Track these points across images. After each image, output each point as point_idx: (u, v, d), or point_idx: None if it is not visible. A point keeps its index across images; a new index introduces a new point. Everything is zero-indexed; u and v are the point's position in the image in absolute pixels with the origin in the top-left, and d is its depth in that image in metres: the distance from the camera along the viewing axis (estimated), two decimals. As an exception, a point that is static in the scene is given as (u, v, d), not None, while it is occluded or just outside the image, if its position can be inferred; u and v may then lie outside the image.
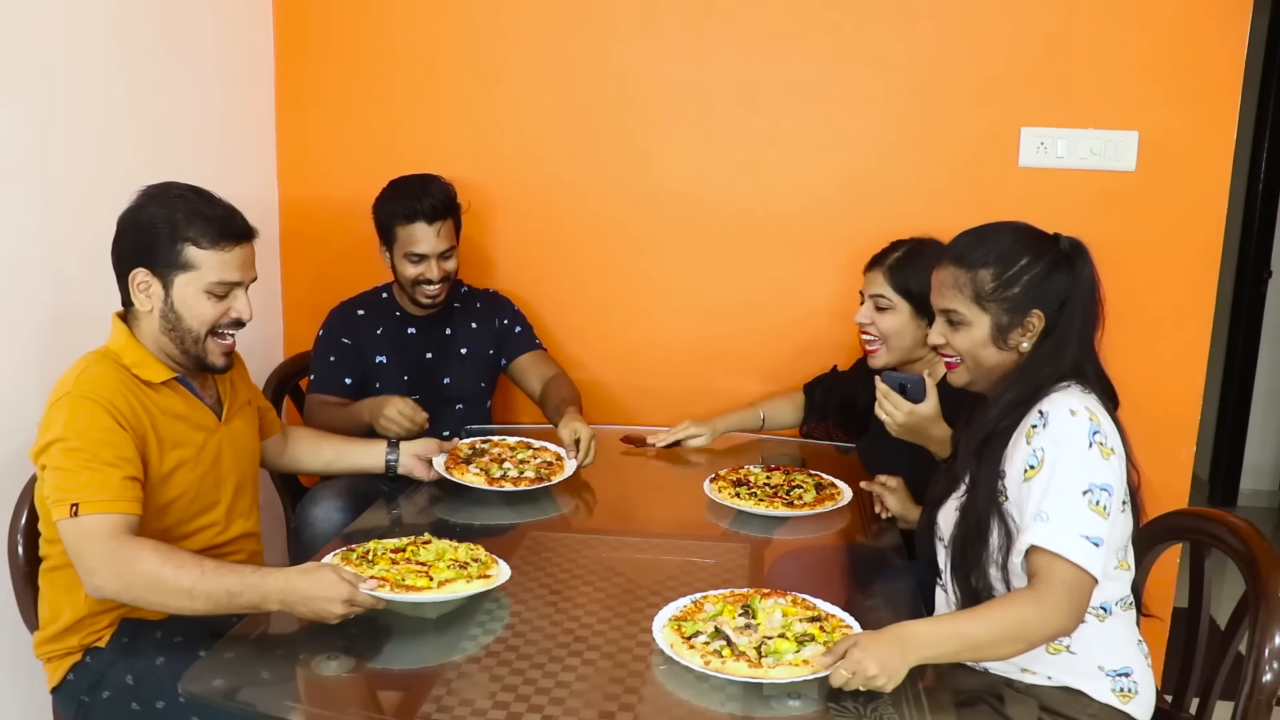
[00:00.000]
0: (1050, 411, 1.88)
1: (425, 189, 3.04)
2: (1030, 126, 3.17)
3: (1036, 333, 1.99)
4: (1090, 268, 2.00)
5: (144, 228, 2.12)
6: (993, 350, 2.02)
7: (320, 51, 3.48)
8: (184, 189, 2.17)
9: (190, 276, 2.12)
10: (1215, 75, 3.06)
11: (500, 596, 2.07)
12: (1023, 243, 2.02)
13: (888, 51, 3.23)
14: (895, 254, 2.70)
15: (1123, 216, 3.16)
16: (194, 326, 2.15)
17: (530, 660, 1.82)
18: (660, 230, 3.41)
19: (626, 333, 3.49)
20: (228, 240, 2.14)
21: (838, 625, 1.87)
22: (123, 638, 2.11)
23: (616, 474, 2.92)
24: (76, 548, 1.93)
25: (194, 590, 1.88)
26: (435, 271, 3.04)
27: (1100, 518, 1.80)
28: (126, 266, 2.14)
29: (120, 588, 1.91)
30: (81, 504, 1.91)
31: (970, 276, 2.02)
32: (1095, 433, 1.85)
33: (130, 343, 2.15)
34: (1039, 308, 1.98)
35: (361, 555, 2.08)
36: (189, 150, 3.08)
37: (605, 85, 3.38)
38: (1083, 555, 1.77)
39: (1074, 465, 1.83)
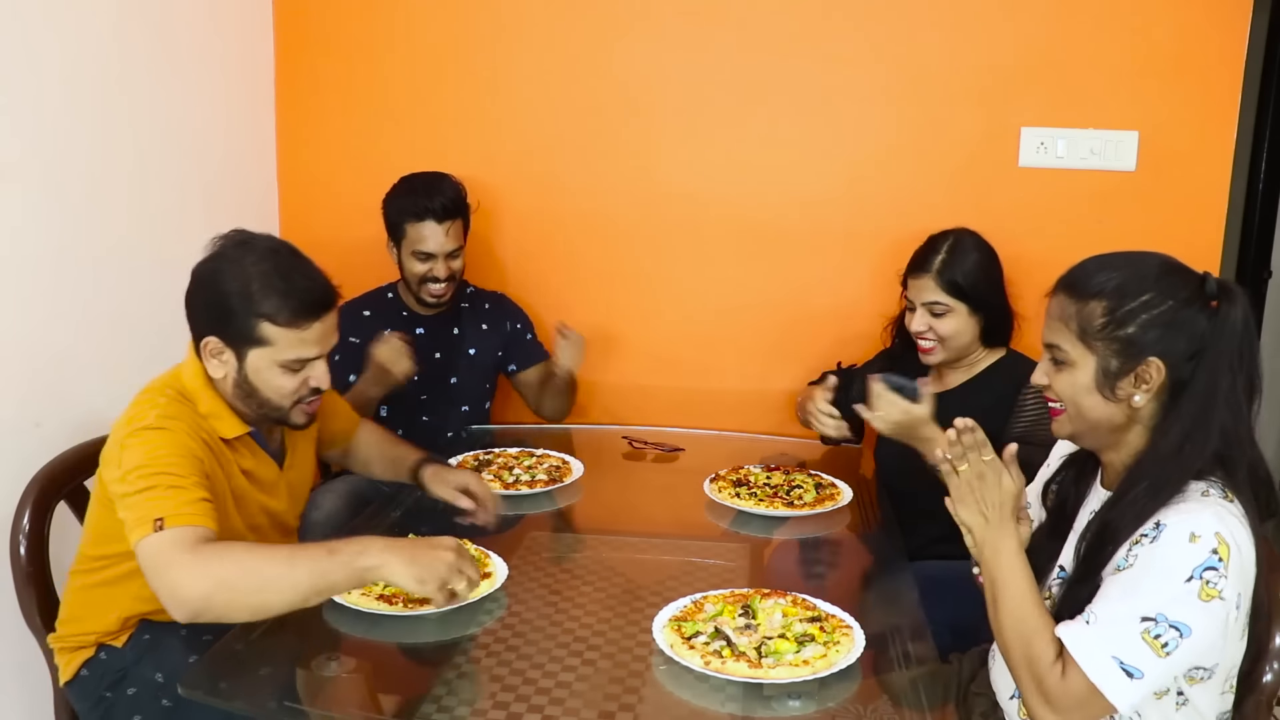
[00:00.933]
0: (1168, 525, 1.57)
1: (437, 187, 3.05)
2: (1030, 126, 3.17)
3: (1155, 387, 1.67)
4: (1243, 318, 1.67)
5: (219, 295, 2.00)
6: (1098, 399, 1.71)
7: (320, 51, 3.48)
8: (265, 251, 2.04)
9: (264, 352, 2.01)
10: (1215, 75, 3.07)
11: (500, 596, 2.07)
12: (1151, 275, 1.71)
13: (888, 52, 3.23)
14: (938, 256, 2.67)
15: (1122, 216, 3.16)
16: (272, 398, 2.05)
17: (530, 660, 1.82)
18: (661, 229, 3.41)
19: (627, 332, 3.48)
20: (305, 318, 2.01)
21: (838, 625, 1.87)
22: (144, 635, 2.10)
23: (617, 474, 2.93)
24: (162, 560, 1.76)
25: (294, 560, 1.76)
26: (442, 270, 3.05)
27: (1152, 652, 1.52)
28: (200, 330, 2.04)
29: (211, 587, 1.73)
30: (166, 518, 1.79)
31: (1079, 308, 1.73)
32: (1209, 569, 1.53)
33: (206, 392, 2.05)
34: (1158, 355, 1.66)
35: None
36: (189, 151, 3.08)
37: (606, 85, 3.38)
38: (1105, 679, 1.54)
39: (1156, 587, 1.55)
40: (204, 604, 1.72)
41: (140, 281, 2.84)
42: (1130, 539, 1.62)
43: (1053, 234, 3.19)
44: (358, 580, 1.78)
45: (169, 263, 2.93)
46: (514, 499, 2.58)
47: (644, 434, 3.13)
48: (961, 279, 2.63)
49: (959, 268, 2.64)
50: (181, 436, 1.93)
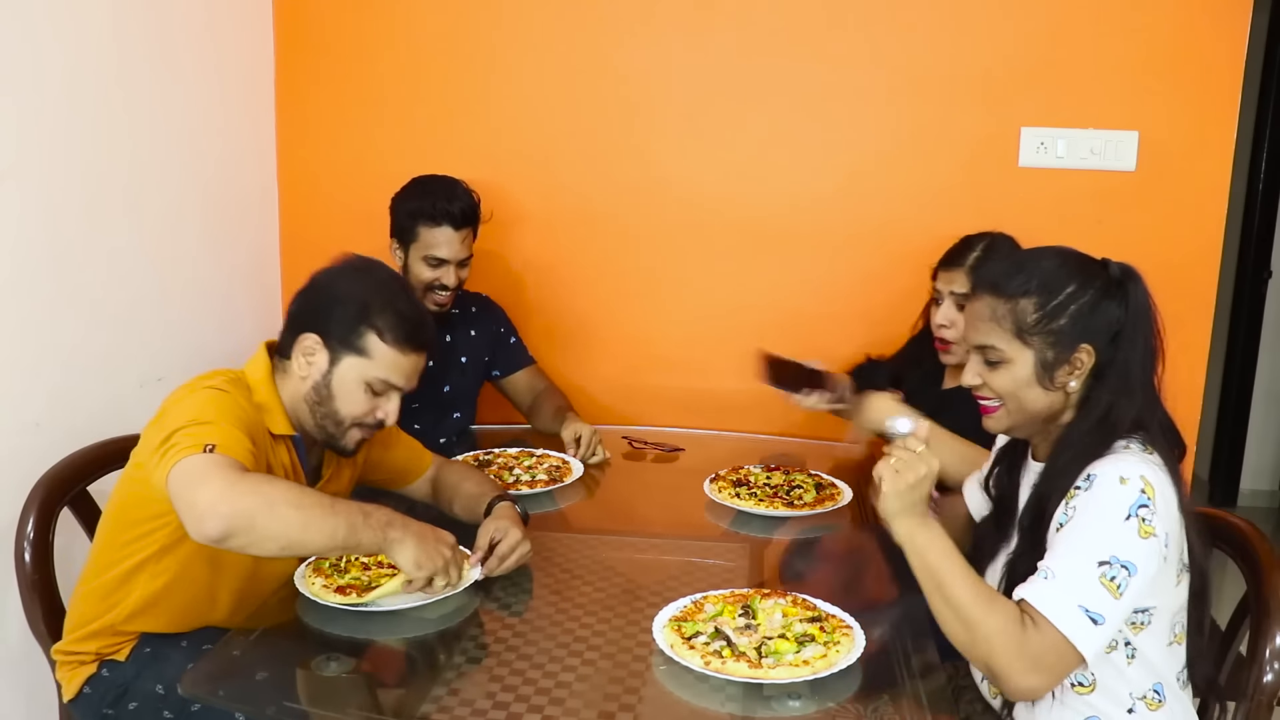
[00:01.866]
0: (1098, 475, 1.69)
1: (454, 192, 3.00)
2: (1030, 126, 3.17)
3: (1086, 370, 1.79)
4: (1145, 295, 1.80)
5: (335, 298, 2.07)
6: (1038, 391, 1.81)
7: (320, 52, 3.47)
8: (391, 274, 2.15)
9: (359, 363, 2.06)
10: (1215, 75, 3.07)
11: (500, 596, 2.07)
12: (1067, 268, 1.82)
13: (888, 51, 3.23)
14: (974, 252, 2.66)
15: (1123, 216, 3.16)
16: (340, 412, 2.08)
17: (530, 660, 1.82)
18: (661, 228, 3.41)
19: (627, 331, 3.48)
20: (411, 345, 2.08)
21: (838, 625, 1.87)
22: (144, 648, 2.10)
23: (617, 474, 2.93)
24: (206, 473, 1.76)
25: (335, 506, 1.84)
26: (452, 279, 2.99)
27: (1109, 594, 1.61)
28: (301, 326, 2.08)
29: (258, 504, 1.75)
30: (219, 446, 1.81)
31: (1010, 307, 1.82)
32: (1141, 506, 1.64)
33: (268, 385, 2.08)
34: (1088, 341, 1.78)
35: (334, 563, 2.10)
36: (189, 152, 3.08)
37: (607, 84, 3.38)
38: (1075, 628, 1.61)
39: (1100, 532, 1.65)
40: (244, 521, 1.74)
41: (141, 282, 2.85)
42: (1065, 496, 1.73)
43: (1053, 234, 3.11)
44: (379, 546, 1.90)
45: (169, 263, 2.97)
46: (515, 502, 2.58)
47: (644, 434, 3.13)
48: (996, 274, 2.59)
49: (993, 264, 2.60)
50: (238, 407, 1.97)
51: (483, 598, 2.06)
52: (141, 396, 2.81)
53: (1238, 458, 5.71)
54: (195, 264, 3.11)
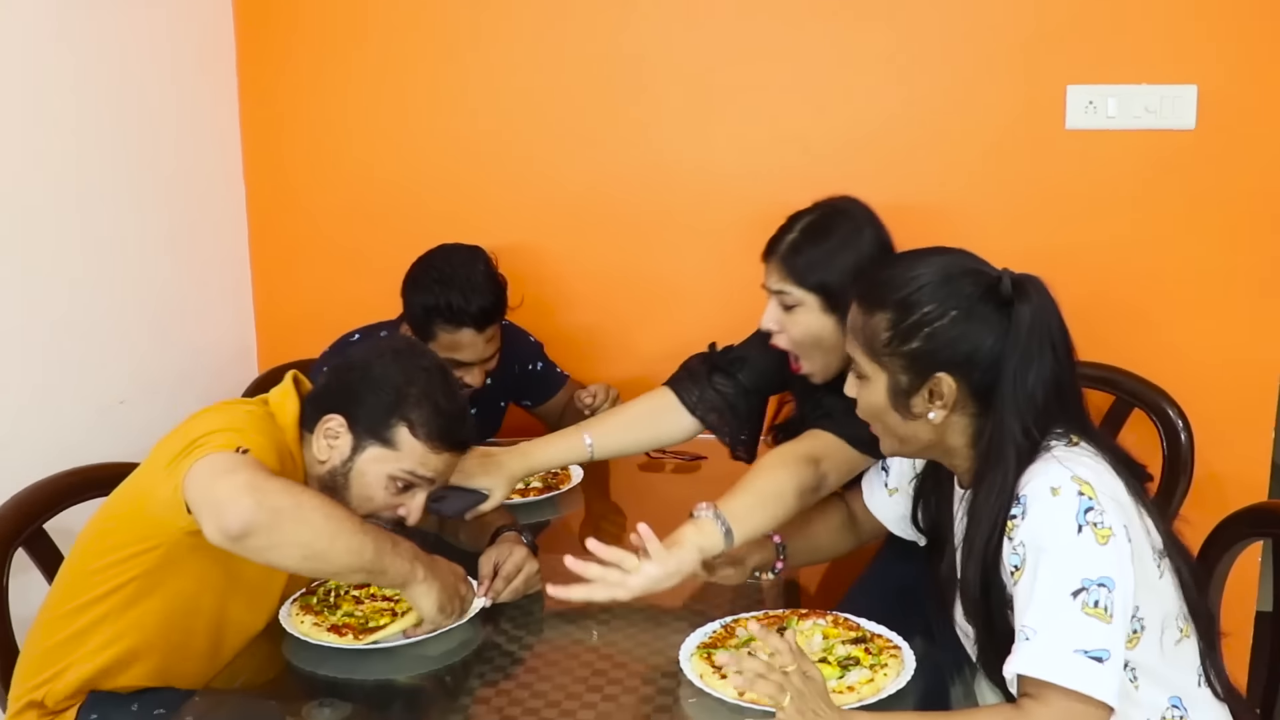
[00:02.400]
0: (1029, 494, 1.63)
1: (474, 285, 2.82)
2: (1077, 84, 3.14)
3: (950, 402, 1.72)
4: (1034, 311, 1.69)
5: (369, 381, 2.05)
6: (896, 417, 1.76)
7: (286, 28, 3.47)
8: (435, 364, 2.12)
9: (384, 454, 2.02)
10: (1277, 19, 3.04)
11: (508, 628, 2.06)
12: (934, 282, 1.73)
13: (920, 15, 3.20)
14: (790, 235, 2.32)
15: (1182, 180, 3.14)
16: (354, 502, 2.04)
17: (545, 698, 1.81)
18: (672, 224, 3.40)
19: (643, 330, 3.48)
20: (444, 444, 2.05)
21: (885, 646, 1.87)
22: (91, 714, 2.06)
23: (633, 487, 2.93)
24: (238, 468, 1.79)
25: (365, 528, 1.86)
26: (478, 379, 2.89)
27: (1100, 622, 1.54)
28: (328, 405, 2.06)
29: (290, 504, 1.78)
30: (253, 450, 1.84)
31: (866, 321, 1.77)
32: (1087, 510, 1.59)
33: (294, 434, 2.06)
34: (947, 370, 1.70)
35: (322, 599, 2.10)
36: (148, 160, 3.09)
37: (604, 65, 3.37)
38: (1081, 677, 1.53)
39: (1060, 559, 1.58)
40: (269, 518, 1.75)
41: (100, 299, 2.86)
42: (1003, 532, 1.65)
43: (1106, 203, 3.17)
44: (404, 580, 1.90)
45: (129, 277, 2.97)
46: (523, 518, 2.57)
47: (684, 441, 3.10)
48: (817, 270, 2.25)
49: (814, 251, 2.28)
50: (274, 432, 1.99)
51: (489, 630, 2.05)
52: (103, 422, 2.82)
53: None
54: (158, 276, 3.12)
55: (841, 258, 2.24)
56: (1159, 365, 2.95)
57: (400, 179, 3.47)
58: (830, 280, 2.22)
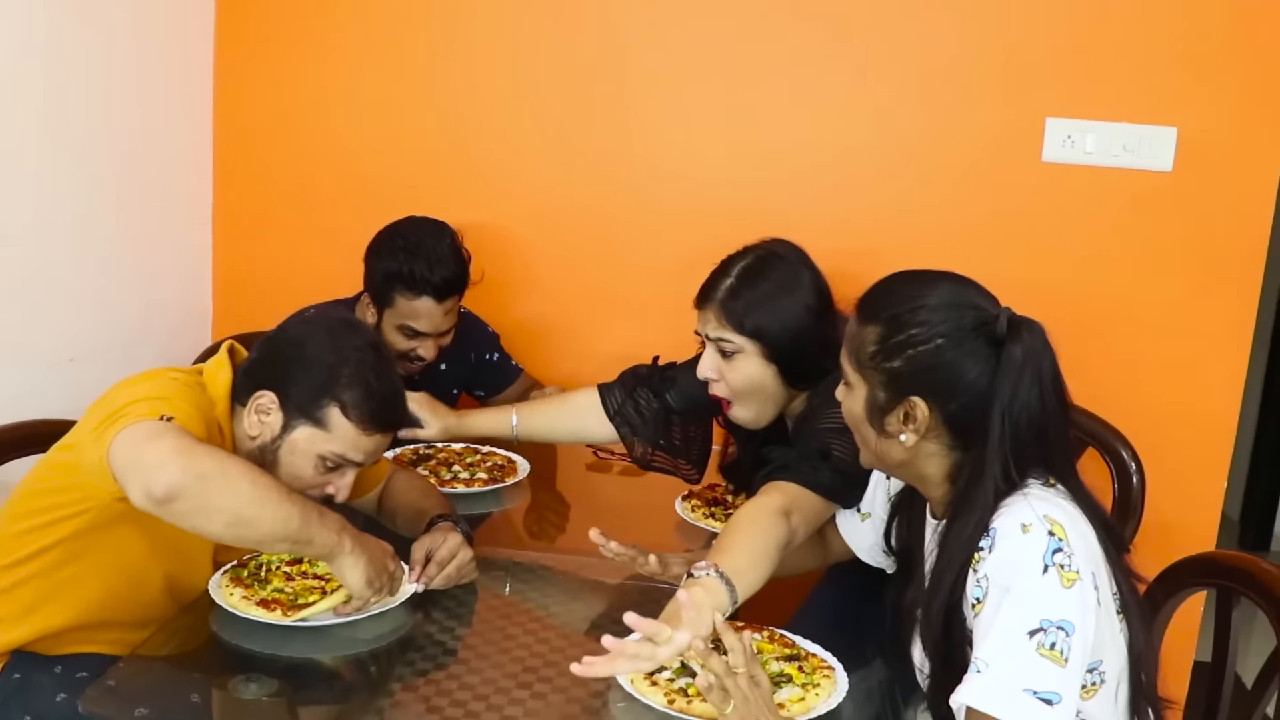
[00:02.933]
0: (999, 528, 1.62)
1: (439, 255, 2.87)
2: (1056, 118, 3.16)
3: (923, 428, 1.72)
4: (1034, 353, 1.68)
5: (303, 358, 2.05)
6: (871, 431, 1.78)
7: (263, 10, 3.46)
8: (368, 342, 2.12)
9: (315, 435, 2.03)
10: (1263, 67, 3.06)
11: (440, 618, 2.06)
12: (930, 306, 1.73)
13: (901, 37, 3.23)
14: (727, 280, 2.33)
15: (1156, 221, 3.16)
16: (283, 480, 2.01)
17: (473, 691, 1.81)
18: (641, 217, 3.41)
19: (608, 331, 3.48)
20: (376, 425, 2.06)
21: (818, 666, 1.88)
22: (14, 674, 2.07)
23: (578, 488, 2.93)
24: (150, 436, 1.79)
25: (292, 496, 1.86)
26: (431, 351, 2.93)
27: (1054, 665, 1.53)
28: (260, 380, 2.05)
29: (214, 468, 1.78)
30: (177, 417, 1.83)
31: (858, 331, 1.78)
32: (1055, 551, 1.57)
33: (225, 406, 2.07)
34: (921, 395, 1.71)
35: (253, 573, 2.09)
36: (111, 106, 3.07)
37: (589, 45, 3.37)
38: (1027, 718, 1.52)
39: (1022, 597, 1.56)
40: (195, 483, 1.75)
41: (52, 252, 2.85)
42: (969, 564, 1.65)
43: (1077, 239, 3.19)
44: (330, 552, 1.89)
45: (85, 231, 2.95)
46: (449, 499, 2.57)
47: (611, 443, 3.10)
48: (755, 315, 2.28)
49: (752, 296, 2.29)
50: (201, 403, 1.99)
51: (421, 618, 2.05)
52: (51, 379, 2.80)
53: (1273, 496, 5.69)
54: (114, 230, 3.10)
55: (780, 303, 2.28)
56: (1117, 405, 2.97)
57: (371, 157, 3.46)
58: (770, 326, 2.27)
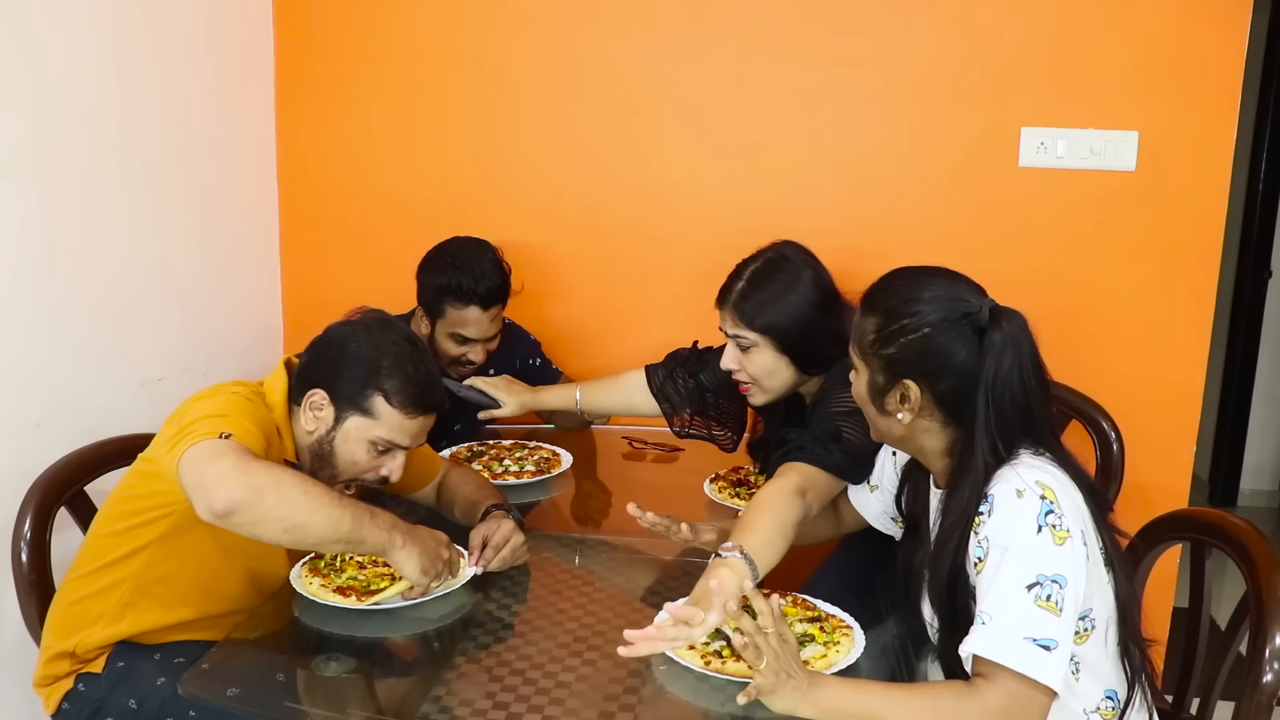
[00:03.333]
0: (995, 495, 1.65)
1: (482, 268, 2.90)
2: (1030, 126, 3.16)
3: (917, 407, 1.76)
4: (1015, 342, 1.71)
5: (346, 356, 2.07)
6: (873, 410, 1.83)
7: (320, 48, 3.47)
8: (403, 336, 2.13)
9: (365, 423, 2.06)
10: (1215, 75, 3.06)
11: (499, 596, 2.07)
12: (920, 298, 1.77)
13: (886, 51, 3.22)
14: (739, 283, 2.39)
15: (1123, 216, 3.15)
16: (341, 467, 2.09)
17: (530, 660, 1.81)
18: (661, 229, 3.40)
19: (627, 331, 3.48)
20: (418, 409, 2.08)
21: (838, 625, 1.87)
22: (118, 662, 2.08)
23: (616, 474, 2.93)
24: (220, 453, 1.80)
25: (343, 501, 1.86)
26: (480, 355, 2.95)
27: (1050, 614, 1.57)
28: (311, 380, 2.08)
29: (267, 482, 1.79)
30: (235, 435, 1.85)
31: (861, 321, 1.83)
32: (1047, 513, 1.61)
33: (283, 411, 2.09)
34: (914, 378, 1.75)
35: (329, 563, 2.11)
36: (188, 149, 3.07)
37: (606, 84, 3.37)
38: (1029, 662, 1.55)
39: (1019, 556, 1.60)
40: (251, 497, 1.77)
41: (141, 282, 2.84)
42: (970, 528, 1.68)
43: (1053, 235, 3.19)
44: (383, 548, 1.91)
45: (169, 263, 2.97)
46: (502, 490, 2.58)
47: (644, 434, 3.13)
48: (766, 314, 2.34)
49: (761, 297, 2.35)
50: (260, 414, 2.00)
51: (481, 598, 2.05)
52: (141, 397, 2.81)
53: (1237, 458, 5.70)
54: (195, 264, 3.10)
55: (785, 301, 2.33)
56: (1096, 382, 2.96)
57: (419, 188, 3.47)
58: (778, 322, 2.33)
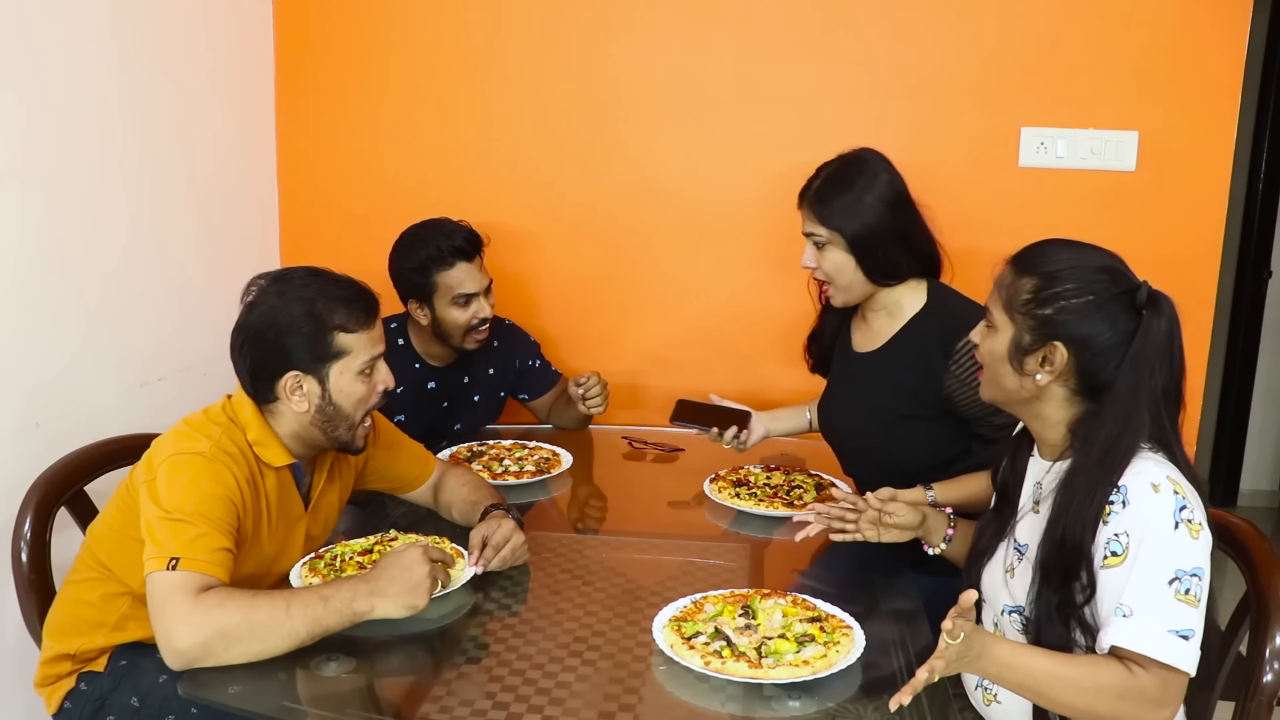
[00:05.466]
0: (1130, 486, 1.66)
1: (446, 228, 2.93)
2: (1030, 126, 3.16)
3: (1058, 370, 1.76)
4: (1166, 329, 1.76)
5: (286, 328, 2.03)
6: (1008, 369, 1.81)
7: (320, 48, 3.48)
8: (305, 275, 2.10)
9: (344, 363, 2.06)
10: (1215, 75, 3.06)
11: (499, 596, 2.07)
12: (1085, 268, 1.79)
13: (887, 51, 3.23)
14: (816, 182, 2.46)
15: (1123, 216, 3.16)
16: (352, 411, 2.09)
17: (530, 661, 1.82)
18: (660, 229, 3.41)
19: (627, 334, 3.48)
20: (371, 316, 2.10)
21: (838, 626, 1.87)
22: (120, 660, 2.09)
23: (617, 474, 2.93)
24: (163, 602, 1.80)
25: (290, 610, 1.81)
26: (487, 309, 2.94)
27: (1190, 607, 1.60)
28: (271, 371, 2.04)
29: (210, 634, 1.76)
30: (182, 559, 1.82)
31: (1014, 280, 1.82)
32: (1181, 509, 1.63)
33: (258, 423, 2.06)
34: (1064, 341, 1.75)
35: (329, 563, 2.11)
36: (188, 151, 3.08)
37: (604, 85, 3.37)
38: (1172, 653, 1.59)
39: (1159, 551, 1.62)
40: (202, 651, 1.77)
41: (141, 283, 2.84)
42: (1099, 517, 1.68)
43: (1052, 234, 3.15)
44: (351, 623, 1.86)
45: (169, 264, 2.97)
46: (502, 490, 2.59)
47: (644, 434, 3.13)
48: (835, 210, 2.40)
49: (834, 197, 2.41)
50: (227, 475, 1.96)
51: (481, 597, 2.06)
52: (141, 397, 2.81)
53: (1237, 458, 5.69)
54: (195, 263, 3.10)
55: (859, 202, 2.40)
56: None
57: (418, 186, 3.47)
58: (849, 223, 2.39)
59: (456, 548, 2.16)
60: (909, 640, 1.92)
